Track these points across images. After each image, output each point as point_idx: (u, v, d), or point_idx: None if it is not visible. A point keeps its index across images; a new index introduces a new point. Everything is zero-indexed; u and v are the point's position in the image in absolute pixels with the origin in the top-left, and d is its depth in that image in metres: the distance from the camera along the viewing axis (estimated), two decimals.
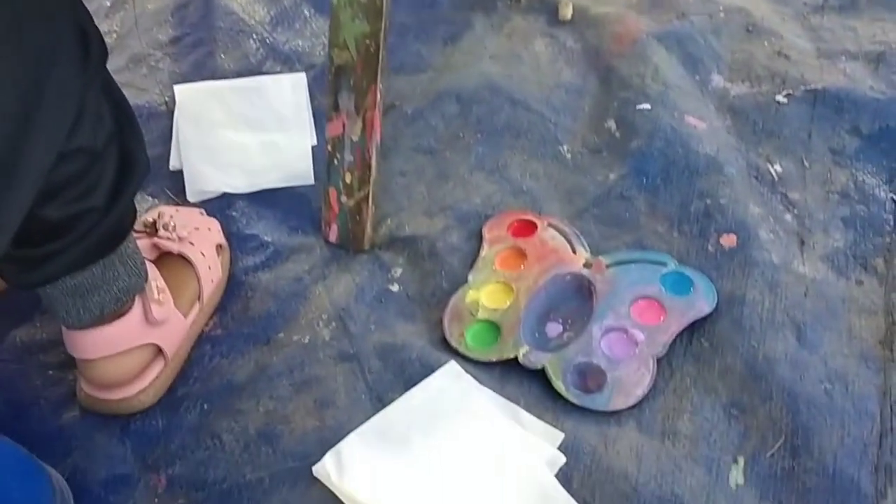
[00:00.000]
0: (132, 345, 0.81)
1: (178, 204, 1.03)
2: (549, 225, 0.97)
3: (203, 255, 0.91)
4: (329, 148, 0.97)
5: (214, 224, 0.97)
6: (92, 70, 0.66)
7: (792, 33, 1.21)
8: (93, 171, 0.70)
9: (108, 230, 0.74)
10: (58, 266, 0.73)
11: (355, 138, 0.95)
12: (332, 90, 0.94)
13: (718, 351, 0.85)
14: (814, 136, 1.07)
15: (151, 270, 0.84)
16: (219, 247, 0.95)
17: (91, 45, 0.65)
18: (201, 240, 0.93)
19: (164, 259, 0.89)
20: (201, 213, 0.99)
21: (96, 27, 0.67)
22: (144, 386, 0.83)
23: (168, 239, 0.90)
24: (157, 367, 0.84)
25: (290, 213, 1.03)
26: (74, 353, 0.80)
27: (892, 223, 0.97)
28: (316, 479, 0.77)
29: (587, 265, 0.92)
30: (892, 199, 1.00)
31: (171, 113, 1.13)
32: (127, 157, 0.74)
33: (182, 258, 0.89)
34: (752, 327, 0.86)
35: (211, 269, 0.91)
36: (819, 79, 1.12)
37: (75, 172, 0.68)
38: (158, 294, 0.83)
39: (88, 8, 0.66)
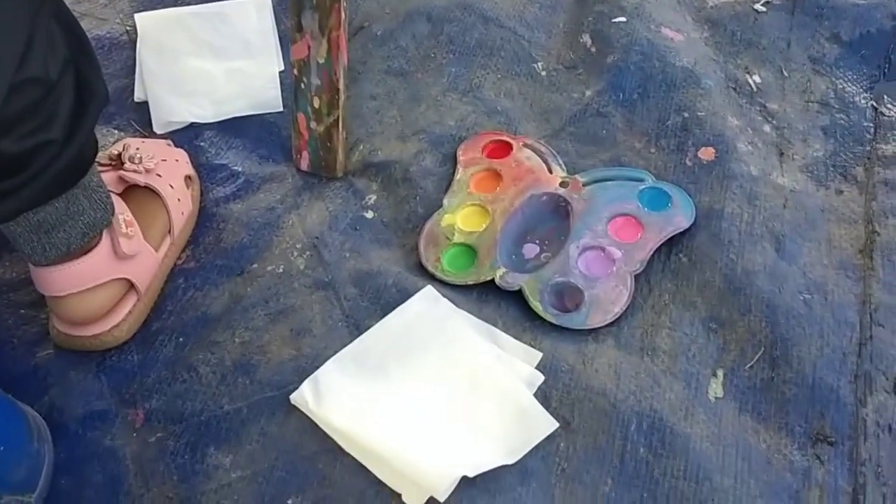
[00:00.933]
0: (102, 280, 0.79)
1: (144, 136, 1.00)
2: (525, 145, 0.95)
3: (171, 186, 0.89)
4: (295, 72, 0.94)
5: (182, 155, 0.95)
6: None
7: None
8: (48, 102, 0.68)
9: (68, 163, 0.72)
10: (18, 202, 0.71)
11: (321, 60, 0.92)
12: (294, 10, 0.90)
13: (697, 265, 0.84)
14: (793, 45, 1.04)
15: (118, 204, 0.81)
16: (188, 178, 0.92)
17: None
18: (169, 171, 0.90)
19: (132, 192, 0.87)
20: (168, 145, 0.96)
21: None
22: (118, 321, 0.82)
23: (134, 171, 0.87)
24: (130, 301, 0.83)
25: (259, 141, 1.00)
26: (44, 290, 0.79)
27: (872, 131, 0.96)
28: (294, 407, 0.77)
29: (563, 184, 0.91)
30: (872, 106, 0.98)
31: (134, 43, 1.09)
32: (84, 86, 0.71)
33: (150, 191, 0.87)
34: (731, 240, 0.85)
35: (180, 202, 0.89)
36: None
37: (29, 104, 0.66)
38: (126, 228, 0.81)
39: None
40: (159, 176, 0.88)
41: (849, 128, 0.96)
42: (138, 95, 1.04)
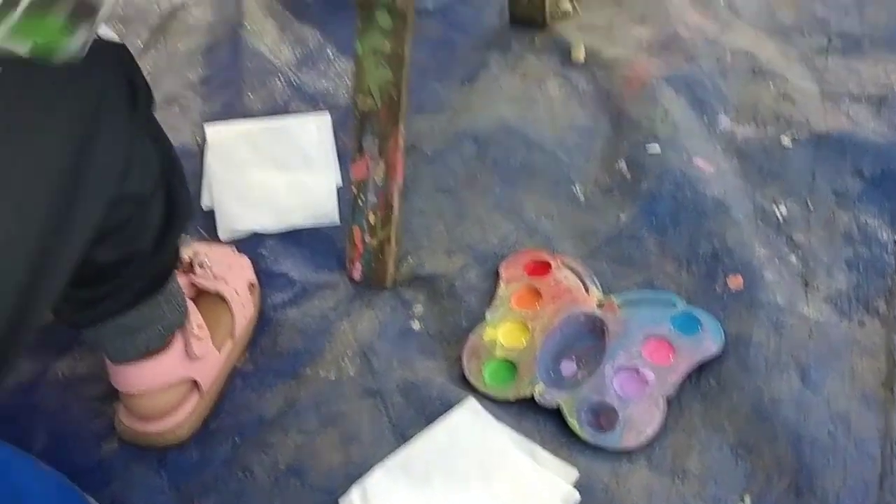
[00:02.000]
0: (174, 379, 0.85)
1: (209, 241, 1.07)
2: (563, 264, 1.01)
3: (237, 292, 0.96)
4: (354, 190, 1.01)
5: (246, 262, 1.02)
6: (139, 119, 0.69)
7: (797, 75, 1.26)
8: (140, 216, 0.74)
9: (154, 272, 0.79)
10: (107, 307, 0.77)
11: (378, 181, 0.99)
12: (356, 135, 0.99)
13: (725, 391, 0.89)
14: (818, 179, 1.11)
15: (192, 307, 0.88)
16: (251, 285, 0.99)
17: (138, 95, 0.69)
18: (234, 278, 0.97)
19: (200, 296, 0.94)
20: (233, 251, 1.03)
21: (143, 76, 0.71)
22: (181, 420, 0.88)
23: (204, 277, 0.94)
24: (193, 400, 0.89)
25: (316, 251, 1.07)
26: (119, 386, 0.85)
27: (894, 265, 1.01)
28: None
29: (600, 305, 0.96)
30: (894, 241, 1.04)
31: (202, 152, 1.18)
32: (173, 201, 0.77)
33: (217, 296, 0.94)
34: (758, 368, 0.90)
35: (244, 307, 0.96)
36: (823, 122, 1.16)
37: (124, 218, 0.72)
38: (198, 330, 0.87)
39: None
40: (226, 282, 0.95)
41: (871, 261, 1.02)
42: (205, 203, 1.12)
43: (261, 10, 1.38)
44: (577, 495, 0.81)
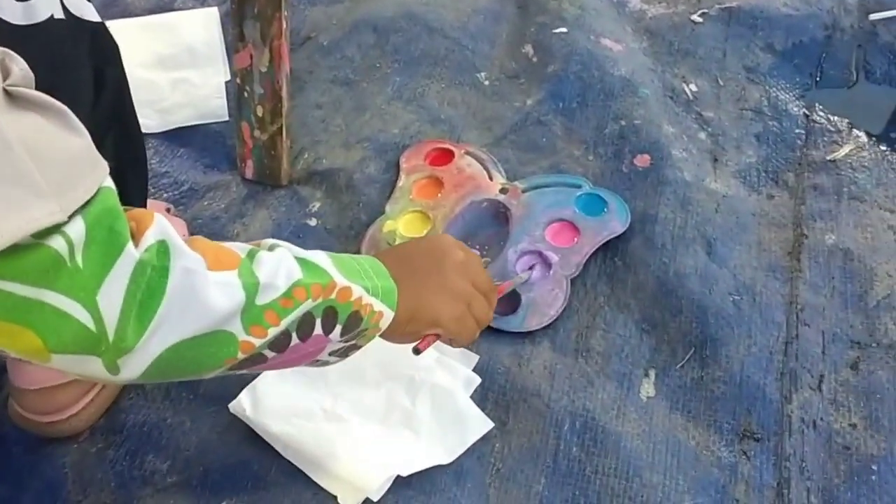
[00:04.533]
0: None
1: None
2: (466, 153, 0.97)
3: None
4: (238, 81, 0.95)
5: (180, 226, 0.90)
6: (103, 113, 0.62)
7: None
8: None
9: None
10: None
11: (264, 69, 0.93)
12: (236, 20, 0.92)
13: (631, 269, 0.86)
14: (728, 55, 1.07)
15: None
16: None
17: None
18: None
19: None
20: (168, 210, 0.92)
21: (119, 63, 0.65)
22: (78, 411, 0.78)
23: None
24: (94, 391, 0.79)
25: (205, 150, 1.01)
26: (19, 383, 0.76)
27: (804, 138, 0.99)
28: (234, 418, 0.77)
29: (503, 191, 0.92)
30: (804, 114, 1.01)
31: None
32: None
33: None
34: (664, 244, 0.87)
35: None
36: None
37: None
38: None
39: None
40: None
41: (781, 134, 0.99)
42: None
43: None
44: (477, 379, 0.78)
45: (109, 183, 0.45)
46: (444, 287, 0.64)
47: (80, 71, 0.59)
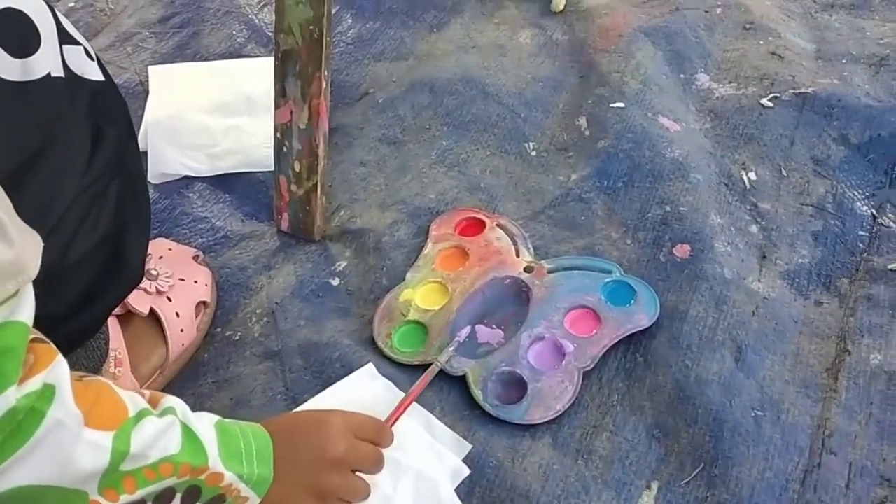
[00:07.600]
0: None
1: (169, 240, 0.94)
2: (498, 225, 0.94)
3: (178, 314, 0.84)
4: (278, 135, 0.95)
5: (204, 274, 0.90)
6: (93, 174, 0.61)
7: (792, 32, 1.15)
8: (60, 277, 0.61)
9: (66, 336, 0.59)
10: None
11: (302, 126, 0.93)
12: (279, 76, 0.92)
13: (651, 367, 0.81)
14: (797, 144, 1.00)
15: (114, 333, 0.78)
16: (201, 303, 0.88)
17: (103, 139, 0.62)
18: (182, 295, 0.85)
19: (134, 315, 0.82)
20: (196, 257, 0.91)
21: (128, 119, 0.66)
22: None
23: (145, 291, 0.83)
24: None
25: (247, 198, 1.02)
26: None
27: (867, 241, 0.91)
28: None
29: (528, 269, 0.89)
30: (872, 214, 0.93)
31: (147, 94, 1.13)
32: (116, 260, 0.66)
33: (153, 315, 0.83)
34: (690, 345, 0.81)
35: (183, 332, 0.84)
36: (811, 82, 1.05)
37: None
38: (115, 367, 0.78)
39: None
40: (168, 299, 0.84)
41: (842, 235, 0.92)
42: (141, 145, 1.07)
43: None
44: (466, 471, 0.74)
45: (23, 316, 0.45)
46: (312, 487, 0.65)
47: (75, 127, 0.60)
